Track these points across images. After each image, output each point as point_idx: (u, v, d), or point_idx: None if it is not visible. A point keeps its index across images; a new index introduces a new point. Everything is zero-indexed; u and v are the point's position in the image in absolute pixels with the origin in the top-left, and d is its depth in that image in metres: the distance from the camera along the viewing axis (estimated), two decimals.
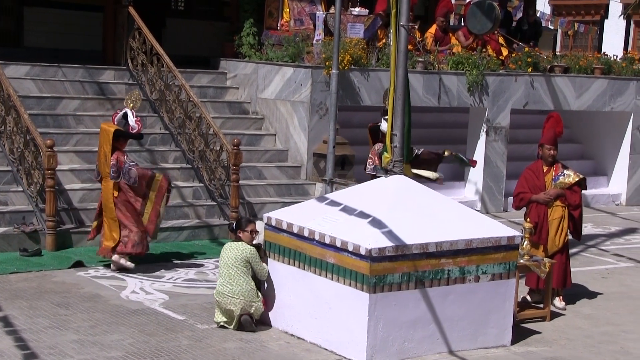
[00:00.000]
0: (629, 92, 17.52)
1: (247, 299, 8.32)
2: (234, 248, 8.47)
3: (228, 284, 8.36)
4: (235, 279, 8.35)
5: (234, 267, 8.37)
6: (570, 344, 8.61)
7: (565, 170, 9.92)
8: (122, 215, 10.33)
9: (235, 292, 8.31)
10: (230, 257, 8.42)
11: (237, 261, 8.38)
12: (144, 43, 13.97)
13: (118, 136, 10.30)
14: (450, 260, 7.90)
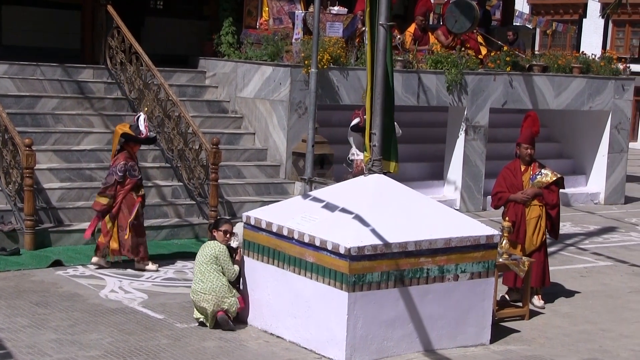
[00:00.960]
0: (607, 91, 17.63)
1: (219, 295, 8.31)
2: (206, 246, 8.54)
3: (200, 281, 8.39)
4: (206, 275, 8.38)
5: (205, 264, 8.41)
6: (549, 342, 8.66)
7: (542, 170, 9.97)
8: (123, 216, 10.45)
9: (207, 289, 8.32)
10: (202, 254, 8.50)
11: (207, 258, 8.42)
12: (122, 42, 13.92)
13: (127, 139, 10.47)
14: (430, 259, 7.92)
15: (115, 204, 10.44)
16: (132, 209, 10.46)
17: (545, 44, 32.11)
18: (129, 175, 10.44)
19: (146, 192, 12.54)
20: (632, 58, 29.71)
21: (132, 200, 10.50)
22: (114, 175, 10.40)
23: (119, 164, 10.41)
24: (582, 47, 29.77)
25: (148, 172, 12.99)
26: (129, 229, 10.41)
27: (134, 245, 10.46)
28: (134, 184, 10.49)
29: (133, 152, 10.60)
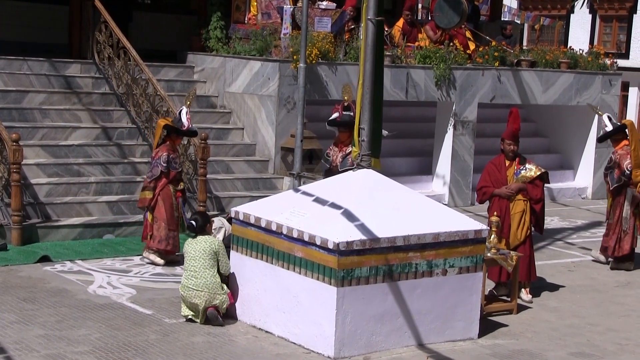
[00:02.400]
0: (595, 86, 17.68)
1: (212, 291, 8.30)
2: (201, 241, 8.46)
3: (193, 277, 8.34)
4: (201, 271, 8.34)
5: (202, 259, 8.36)
6: (536, 336, 8.69)
7: (527, 164, 10.00)
8: (159, 209, 10.56)
9: (200, 285, 8.30)
10: (196, 249, 8.41)
11: (205, 253, 8.37)
12: (110, 36, 13.87)
13: (169, 131, 10.66)
14: (418, 254, 7.93)
15: (154, 196, 10.59)
16: (169, 202, 10.58)
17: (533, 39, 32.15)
18: (170, 167, 10.62)
19: (134, 187, 12.58)
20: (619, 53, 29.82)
21: (168, 193, 10.63)
22: (159, 167, 10.58)
23: (162, 155, 10.58)
24: (569, 43, 29.83)
25: (136, 167, 12.97)
26: (167, 222, 10.54)
27: (165, 238, 10.53)
28: (173, 176, 10.67)
29: (175, 144, 10.83)
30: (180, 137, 10.97)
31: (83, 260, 10.58)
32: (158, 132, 10.74)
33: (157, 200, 10.61)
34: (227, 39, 15.37)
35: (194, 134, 11.35)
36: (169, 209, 10.61)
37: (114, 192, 12.40)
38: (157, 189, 10.60)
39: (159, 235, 10.56)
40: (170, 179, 10.66)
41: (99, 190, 12.31)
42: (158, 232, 10.57)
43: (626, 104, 30.89)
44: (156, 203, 10.61)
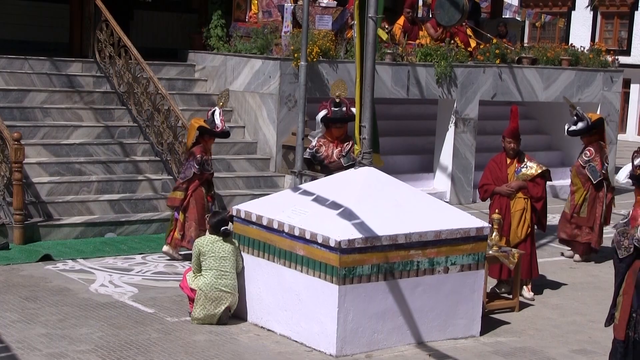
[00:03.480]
0: (596, 83, 17.67)
1: (235, 292, 8.34)
2: (226, 241, 8.42)
3: (224, 277, 8.28)
4: (231, 272, 8.32)
5: (229, 260, 8.33)
6: (538, 334, 8.69)
7: (528, 162, 9.98)
8: (191, 210, 10.60)
9: (229, 286, 8.29)
10: (225, 250, 8.34)
11: (232, 254, 8.35)
12: (111, 35, 13.87)
13: (202, 132, 10.67)
14: (420, 252, 7.93)
15: (186, 196, 10.63)
16: (200, 203, 10.63)
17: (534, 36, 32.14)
18: (203, 169, 10.66)
19: (136, 186, 12.59)
20: (620, 50, 29.80)
21: (201, 194, 10.68)
22: (192, 169, 10.61)
23: (196, 157, 10.62)
24: (570, 40, 29.84)
25: (138, 166, 12.98)
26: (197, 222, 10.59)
27: (195, 237, 10.46)
28: (206, 177, 10.74)
29: (208, 146, 10.83)
30: (213, 139, 10.93)
31: (85, 259, 10.59)
32: (192, 133, 10.73)
33: (189, 201, 10.64)
34: (228, 37, 15.37)
35: (227, 135, 11.29)
36: (200, 210, 10.65)
37: (115, 191, 12.40)
38: (189, 190, 10.64)
39: (190, 235, 10.59)
40: (202, 181, 10.71)
41: (101, 189, 12.32)
42: (189, 231, 10.62)
43: (627, 100, 30.88)
44: (188, 204, 10.64)
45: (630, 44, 31.49)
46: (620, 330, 6.84)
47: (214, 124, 10.78)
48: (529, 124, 18.40)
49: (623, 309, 6.80)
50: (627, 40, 31.72)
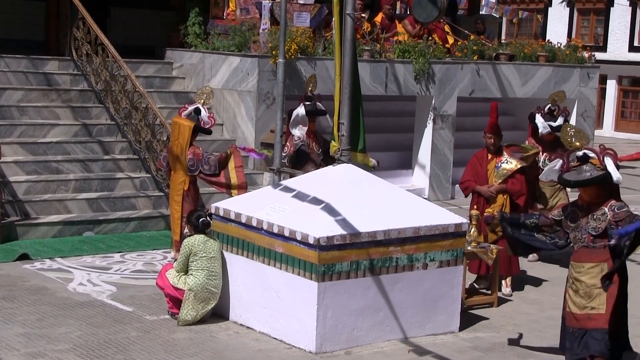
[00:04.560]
0: (573, 79, 17.77)
1: (220, 291, 8.32)
2: (214, 241, 8.39)
3: (213, 277, 8.26)
4: (219, 273, 8.30)
5: (218, 260, 8.31)
6: (517, 329, 8.73)
7: (508, 158, 9.99)
8: (186, 207, 10.27)
9: (218, 286, 8.28)
10: (215, 250, 8.31)
11: (219, 254, 8.33)
12: (88, 33, 13.79)
13: (194, 131, 10.36)
14: (399, 248, 7.94)
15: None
16: (196, 202, 10.48)
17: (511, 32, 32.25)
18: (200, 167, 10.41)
19: (114, 184, 12.54)
20: (597, 46, 29.97)
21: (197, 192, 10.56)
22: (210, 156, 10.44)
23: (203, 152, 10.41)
24: (547, 36, 29.96)
25: (116, 164, 12.92)
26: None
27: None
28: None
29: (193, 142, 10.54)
30: (197, 135, 10.64)
31: (63, 258, 10.53)
32: (186, 132, 10.26)
33: (186, 200, 10.38)
34: (206, 34, 15.32)
35: (210, 132, 11.12)
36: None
37: (93, 189, 12.35)
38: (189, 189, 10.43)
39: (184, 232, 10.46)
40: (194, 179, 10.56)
41: (78, 187, 12.26)
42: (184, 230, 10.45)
43: (604, 96, 31.07)
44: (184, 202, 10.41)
45: (606, 40, 31.68)
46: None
47: (200, 120, 10.52)
48: (507, 120, 18.46)
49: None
50: (603, 36, 31.90)
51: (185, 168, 10.27)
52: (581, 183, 7.07)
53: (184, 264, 8.33)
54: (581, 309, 7.15)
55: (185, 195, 10.34)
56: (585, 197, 7.16)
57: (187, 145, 10.26)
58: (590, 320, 7.10)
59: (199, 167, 10.32)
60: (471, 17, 20.07)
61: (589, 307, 7.11)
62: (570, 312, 7.24)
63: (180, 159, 10.29)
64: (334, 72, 9.06)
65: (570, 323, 7.25)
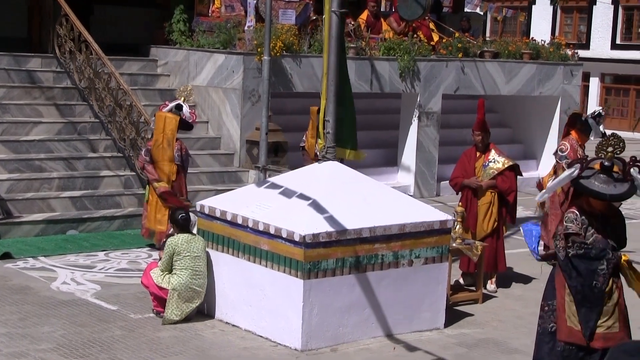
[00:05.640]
0: (557, 76, 17.82)
1: (205, 290, 8.28)
2: (198, 240, 8.34)
3: (197, 276, 8.22)
4: (204, 271, 8.26)
5: (202, 259, 8.27)
6: (502, 325, 8.74)
7: (496, 157, 10.00)
8: (176, 200, 10.46)
9: (202, 285, 8.24)
10: (199, 249, 8.28)
11: (204, 253, 8.29)
12: (71, 30, 13.72)
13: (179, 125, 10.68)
14: (384, 245, 7.93)
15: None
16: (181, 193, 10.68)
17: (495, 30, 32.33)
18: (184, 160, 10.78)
19: (98, 182, 12.48)
20: (580, 44, 30.08)
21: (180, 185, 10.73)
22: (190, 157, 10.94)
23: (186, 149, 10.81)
24: (531, 33, 30.06)
25: (100, 162, 12.86)
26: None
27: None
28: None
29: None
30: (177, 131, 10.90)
31: (46, 257, 10.47)
32: (173, 126, 10.57)
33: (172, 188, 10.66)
34: (191, 32, 15.27)
35: (191, 128, 11.41)
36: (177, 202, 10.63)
37: (77, 188, 12.29)
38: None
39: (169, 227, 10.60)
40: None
41: (62, 185, 12.19)
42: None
43: (587, 94, 31.19)
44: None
45: (589, 37, 31.82)
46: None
47: (183, 116, 10.73)
48: (491, 118, 18.46)
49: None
50: (586, 34, 32.05)
51: (172, 158, 10.53)
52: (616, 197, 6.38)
53: (167, 263, 8.29)
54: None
55: (172, 186, 10.56)
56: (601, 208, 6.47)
57: (174, 137, 10.54)
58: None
59: (183, 159, 10.64)
60: (456, 14, 20.10)
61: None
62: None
63: (167, 150, 10.49)
64: (319, 69, 9.04)
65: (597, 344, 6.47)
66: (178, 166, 10.64)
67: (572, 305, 6.47)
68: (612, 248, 6.44)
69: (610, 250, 6.42)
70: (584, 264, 6.38)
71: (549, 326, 6.61)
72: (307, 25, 15.09)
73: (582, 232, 6.43)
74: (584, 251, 6.38)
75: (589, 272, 6.37)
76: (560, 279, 6.55)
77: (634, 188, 6.36)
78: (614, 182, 6.36)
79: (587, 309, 6.41)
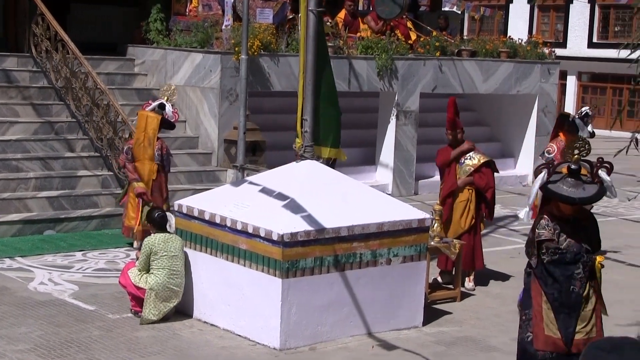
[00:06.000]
0: (534, 75, 17.90)
1: (182, 290, 8.26)
2: (175, 239, 8.32)
3: (175, 276, 8.20)
4: (181, 271, 8.24)
5: (180, 258, 8.25)
6: (480, 323, 8.77)
7: (472, 154, 10.04)
8: (155, 198, 10.57)
9: (180, 285, 8.22)
10: (176, 248, 8.26)
11: (181, 252, 8.27)
12: (47, 29, 13.63)
13: (161, 124, 10.74)
14: (362, 244, 7.94)
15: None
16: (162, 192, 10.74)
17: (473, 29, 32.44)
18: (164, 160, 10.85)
19: (75, 182, 12.41)
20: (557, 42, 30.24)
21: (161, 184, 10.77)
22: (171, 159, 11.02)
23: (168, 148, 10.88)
24: (509, 32, 30.17)
25: (77, 162, 12.79)
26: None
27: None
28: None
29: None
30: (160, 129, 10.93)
31: (23, 257, 10.41)
32: (154, 123, 10.64)
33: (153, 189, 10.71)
34: (168, 31, 15.22)
35: (173, 127, 11.50)
36: (161, 197, 10.81)
37: (54, 187, 12.22)
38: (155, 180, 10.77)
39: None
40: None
41: (39, 185, 12.12)
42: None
43: (564, 92, 31.36)
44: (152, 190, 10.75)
45: (566, 36, 31.99)
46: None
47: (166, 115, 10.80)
48: (469, 116, 18.57)
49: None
50: (563, 32, 32.21)
51: (153, 157, 10.60)
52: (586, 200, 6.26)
53: (145, 262, 8.26)
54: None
55: (152, 184, 10.60)
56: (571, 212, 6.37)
57: (154, 136, 10.60)
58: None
59: (163, 159, 10.69)
60: (433, 13, 20.14)
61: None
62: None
63: (148, 149, 10.57)
64: (297, 68, 9.04)
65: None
66: (159, 165, 10.67)
67: (549, 312, 6.37)
68: (587, 251, 6.37)
69: (585, 254, 6.35)
70: (559, 270, 6.32)
71: (526, 336, 6.52)
72: (284, 24, 15.08)
73: (555, 238, 6.31)
74: (559, 256, 6.32)
75: (566, 278, 6.31)
76: (537, 287, 6.46)
77: (603, 190, 6.27)
78: (583, 185, 6.25)
79: (566, 315, 6.34)
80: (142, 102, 14.48)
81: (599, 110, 30.31)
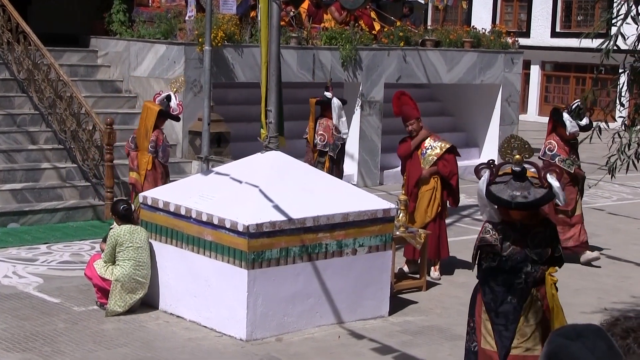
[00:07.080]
0: (498, 65, 18.02)
1: (149, 281, 8.23)
2: (140, 231, 8.29)
3: (140, 267, 8.18)
4: (147, 262, 8.22)
5: (145, 250, 8.23)
6: (445, 312, 8.85)
7: (432, 143, 10.07)
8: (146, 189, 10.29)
9: (146, 276, 8.19)
10: (142, 239, 8.23)
11: (147, 244, 8.25)
12: (8, 20, 13.49)
13: (160, 115, 10.70)
14: (328, 234, 7.98)
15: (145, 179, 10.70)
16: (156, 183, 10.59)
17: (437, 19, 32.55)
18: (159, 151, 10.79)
19: (39, 175, 12.31)
20: (520, 32, 30.44)
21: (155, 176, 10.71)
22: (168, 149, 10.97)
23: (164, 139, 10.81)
24: (472, 22, 30.32)
25: (40, 154, 12.69)
26: None
27: None
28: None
29: (161, 127, 10.90)
30: (165, 121, 10.95)
31: None
32: (152, 117, 10.64)
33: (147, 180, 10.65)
34: (131, 22, 15.12)
35: (178, 119, 11.55)
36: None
37: (17, 180, 12.11)
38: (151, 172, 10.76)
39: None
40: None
41: (2, 178, 12.01)
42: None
43: (528, 82, 31.59)
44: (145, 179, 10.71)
45: (530, 26, 32.19)
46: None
47: (169, 107, 10.85)
48: (433, 106, 18.68)
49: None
50: (526, 22, 32.40)
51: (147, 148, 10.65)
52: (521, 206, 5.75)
53: (110, 254, 8.23)
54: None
55: (147, 175, 10.60)
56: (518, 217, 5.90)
57: (151, 128, 10.63)
58: None
59: (157, 151, 10.66)
60: (397, 3, 20.18)
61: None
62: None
63: (144, 140, 10.66)
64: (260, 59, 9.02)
65: None
66: (154, 157, 10.66)
67: (487, 323, 5.94)
68: (533, 261, 5.83)
69: (531, 263, 5.83)
70: (499, 279, 5.86)
71: (472, 345, 6.14)
72: (248, 14, 15.04)
73: (498, 244, 5.84)
74: (497, 263, 5.84)
75: (504, 288, 5.84)
76: (480, 295, 6.10)
77: (551, 195, 5.76)
78: (530, 188, 5.75)
79: (502, 327, 5.87)
80: (106, 94, 14.44)
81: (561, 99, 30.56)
